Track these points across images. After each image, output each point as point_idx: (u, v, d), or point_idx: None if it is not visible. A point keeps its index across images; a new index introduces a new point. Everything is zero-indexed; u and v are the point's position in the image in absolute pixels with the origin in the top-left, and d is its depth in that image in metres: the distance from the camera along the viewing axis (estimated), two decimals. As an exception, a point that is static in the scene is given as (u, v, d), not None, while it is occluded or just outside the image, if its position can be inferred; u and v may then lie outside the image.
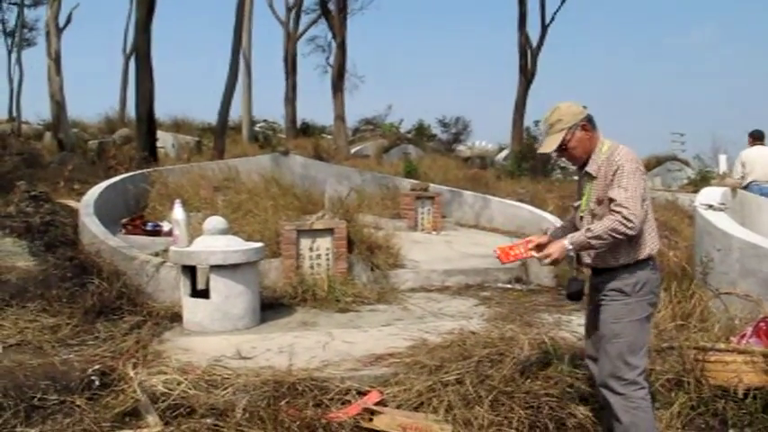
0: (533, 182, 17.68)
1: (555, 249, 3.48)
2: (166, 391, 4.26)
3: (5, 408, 3.95)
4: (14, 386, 4.19)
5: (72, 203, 10.00)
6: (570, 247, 3.43)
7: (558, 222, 10.26)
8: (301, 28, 33.50)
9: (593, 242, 3.37)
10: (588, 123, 3.55)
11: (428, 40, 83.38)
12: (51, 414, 4.01)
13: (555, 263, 3.52)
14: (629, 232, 3.32)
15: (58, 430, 3.84)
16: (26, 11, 33.32)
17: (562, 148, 3.58)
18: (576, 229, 3.59)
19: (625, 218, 3.30)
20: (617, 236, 3.33)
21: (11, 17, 35.58)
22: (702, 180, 19.61)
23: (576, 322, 5.91)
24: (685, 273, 6.50)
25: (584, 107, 3.60)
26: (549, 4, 26.42)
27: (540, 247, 3.64)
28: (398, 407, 4.22)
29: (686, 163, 25.94)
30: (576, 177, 4.20)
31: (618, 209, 3.34)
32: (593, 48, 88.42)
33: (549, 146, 3.61)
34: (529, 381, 4.39)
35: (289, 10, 32.87)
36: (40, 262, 7.05)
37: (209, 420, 3.91)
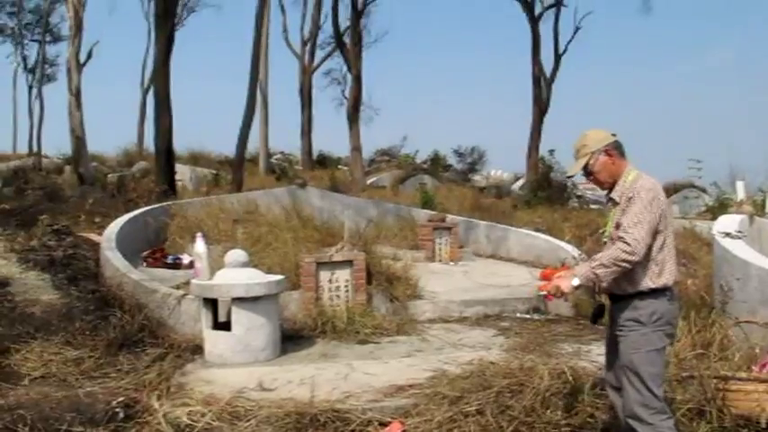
0: (550, 211, 17.67)
1: (560, 284, 3.51)
2: (190, 422, 4.32)
3: (33, 440, 4.02)
4: (41, 418, 4.26)
5: (93, 237, 10.11)
6: (577, 281, 3.46)
7: (575, 252, 10.27)
8: (317, 61, 33.98)
9: (598, 271, 3.40)
10: (614, 150, 3.64)
11: (443, 71, 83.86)
12: (77, 446, 4.06)
13: (562, 296, 3.55)
14: (630, 258, 3.36)
15: (85, 462, 3.89)
16: (47, 47, 34.08)
17: (588, 172, 3.69)
18: None
19: (625, 243, 3.36)
20: (619, 263, 3.37)
21: (32, 53, 36.42)
22: (720, 207, 19.50)
23: (595, 352, 5.91)
24: (704, 301, 6.49)
25: (613, 135, 3.69)
26: (563, 35, 26.69)
27: None
28: (420, 438, 4.24)
29: (704, 190, 25.82)
30: (593, 206, 4.25)
31: (621, 234, 3.41)
32: (609, 77, 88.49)
33: (573, 169, 3.77)
34: (549, 411, 4.41)
35: (304, 44, 33.36)
36: (63, 295, 7.14)
37: (232, 452, 3.96)
